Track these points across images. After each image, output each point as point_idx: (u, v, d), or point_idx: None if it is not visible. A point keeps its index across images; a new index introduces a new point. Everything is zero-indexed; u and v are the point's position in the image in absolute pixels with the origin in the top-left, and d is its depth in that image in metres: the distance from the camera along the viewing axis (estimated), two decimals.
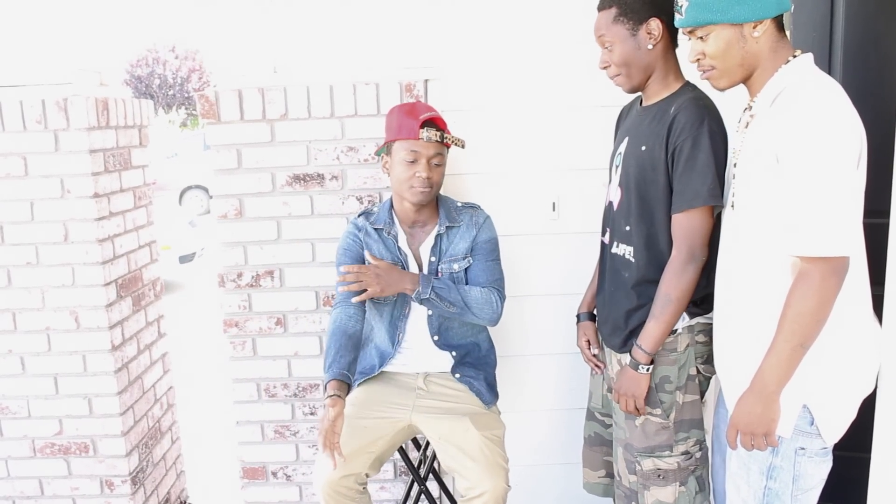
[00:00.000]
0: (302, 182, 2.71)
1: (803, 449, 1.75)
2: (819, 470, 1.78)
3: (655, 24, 1.94)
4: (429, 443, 2.57)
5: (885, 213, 1.88)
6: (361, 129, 2.67)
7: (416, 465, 2.57)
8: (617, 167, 2.11)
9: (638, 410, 2.03)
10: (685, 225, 1.90)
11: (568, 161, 2.71)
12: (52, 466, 2.84)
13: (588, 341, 2.31)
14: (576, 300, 2.41)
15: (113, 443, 2.80)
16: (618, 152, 2.11)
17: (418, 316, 2.35)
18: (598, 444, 2.33)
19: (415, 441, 2.64)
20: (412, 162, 2.19)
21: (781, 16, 1.72)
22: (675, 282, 1.90)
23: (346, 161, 2.69)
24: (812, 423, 1.73)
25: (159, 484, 3.10)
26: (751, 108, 1.79)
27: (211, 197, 2.75)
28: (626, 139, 2.07)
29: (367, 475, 2.22)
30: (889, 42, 2.53)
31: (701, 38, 1.75)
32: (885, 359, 1.79)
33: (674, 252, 1.92)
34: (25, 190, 2.61)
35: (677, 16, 1.79)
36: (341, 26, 2.71)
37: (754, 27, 1.68)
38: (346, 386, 2.10)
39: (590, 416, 2.36)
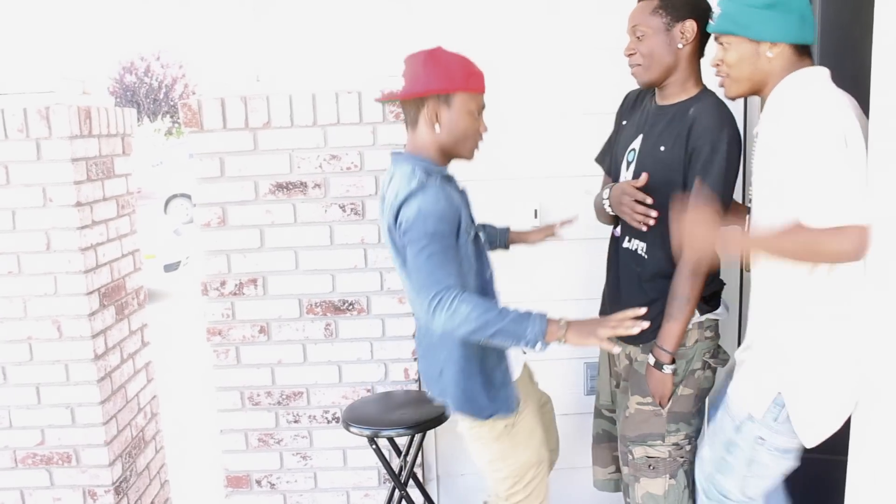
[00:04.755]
0: (285, 190, 2.71)
1: (762, 439, 1.86)
2: (777, 464, 1.89)
3: (690, 26, 1.99)
4: (409, 448, 2.58)
5: None
6: (344, 138, 2.68)
7: (397, 472, 2.58)
8: (630, 163, 2.14)
9: (661, 405, 2.10)
10: None
11: (550, 168, 2.73)
12: (33, 477, 2.82)
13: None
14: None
15: (96, 452, 2.79)
16: (631, 148, 2.15)
17: None
18: (607, 441, 2.37)
19: (395, 447, 2.65)
20: (479, 115, 2.02)
21: (808, 46, 1.85)
22: (690, 283, 1.97)
23: (328, 169, 2.70)
24: (776, 419, 1.83)
25: (143, 493, 3.09)
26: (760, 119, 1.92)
27: (195, 205, 2.75)
28: (641, 137, 2.11)
29: None
30: (864, 50, 2.56)
31: (723, 45, 1.87)
32: (863, 362, 1.81)
33: (686, 252, 1.94)
34: (7, 199, 2.60)
35: (711, 22, 1.93)
36: (323, 35, 2.72)
37: (770, 48, 1.80)
38: None
39: (598, 413, 2.40)
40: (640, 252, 2.11)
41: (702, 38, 2.03)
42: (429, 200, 1.86)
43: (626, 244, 2.17)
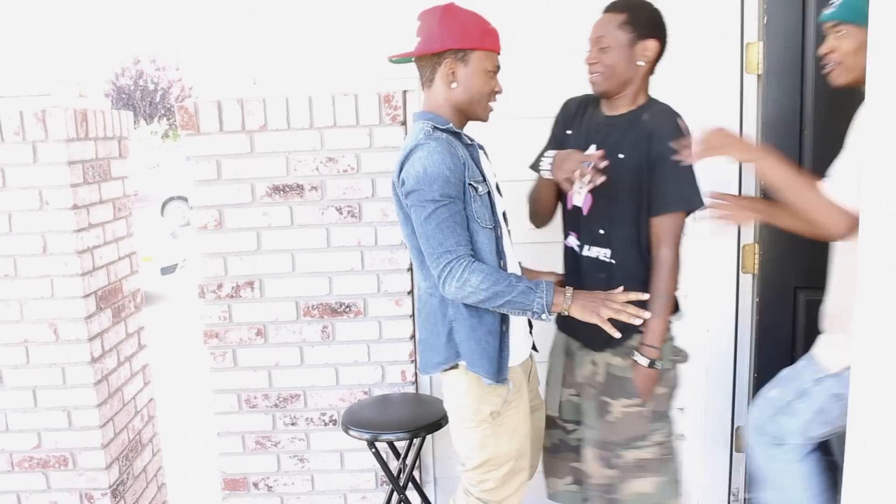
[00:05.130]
0: (281, 193, 2.72)
1: (839, 395, 1.97)
2: (842, 417, 1.92)
3: (652, 45, 2.05)
4: (409, 451, 2.58)
5: None
6: (340, 140, 2.68)
7: (395, 474, 2.58)
8: None
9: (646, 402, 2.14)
10: (672, 225, 2.04)
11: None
12: (30, 480, 2.81)
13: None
14: None
15: (93, 455, 2.78)
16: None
17: None
18: (564, 451, 2.33)
19: (394, 449, 2.65)
20: (494, 75, 2.01)
21: None
22: (670, 279, 2.05)
23: (325, 172, 2.70)
24: None
25: (140, 497, 3.08)
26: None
27: (191, 208, 2.75)
28: (594, 147, 2.12)
29: None
30: None
31: (838, 34, 1.93)
32: (855, 361, 1.82)
33: (664, 251, 2.04)
34: (3, 202, 2.60)
35: (827, 10, 1.96)
36: (320, 38, 2.72)
37: None
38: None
39: (550, 424, 2.35)
40: (603, 258, 2.12)
41: (658, 58, 2.10)
42: (434, 159, 1.86)
43: (586, 252, 2.17)
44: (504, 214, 2.13)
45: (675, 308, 2.15)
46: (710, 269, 2.80)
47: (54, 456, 2.79)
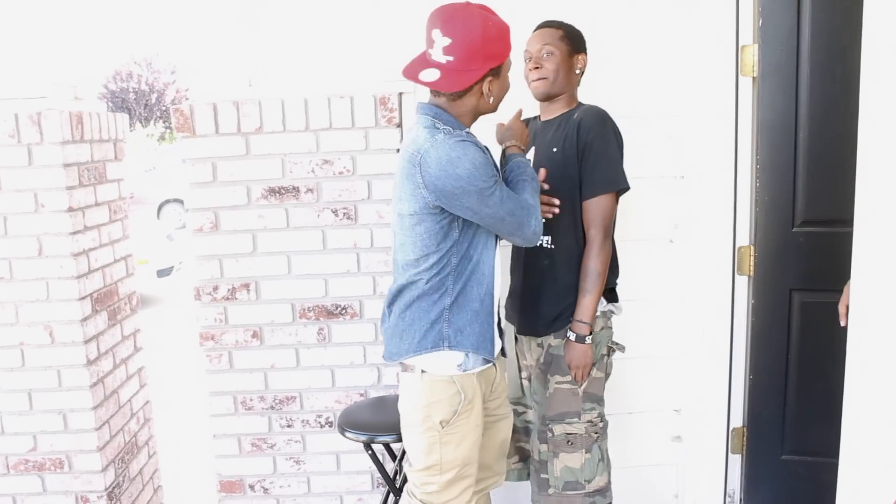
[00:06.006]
0: (277, 195, 2.72)
1: None
2: None
3: (583, 58, 2.31)
4: (405, 453, 2.58)
5: (850, 223, 1.92)
6: (336, 142, 2.69)
7: (391, 476, 2.58)
8: None
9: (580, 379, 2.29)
10: (600, 207, 2.22)
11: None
12: (26, 483, 2.81)
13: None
14: None
15: (88, 458, 2.78)
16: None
17: None
18: (514, 433, 2.46)
19: (390, 451, 2.65)
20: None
21: None
22: (600, 258, 2.21)
23: (321, 174, 2.70)
24: None
25: (136, 499, 3.08)
26: None
27: (187, 210, 2.75)
28: (533, 149, 2.35)
29: None
30: (854, 56, 2.58)
31: None
32: (849, 363, 1.83)
33: (592, 232, 2.22)
34: None
35: None
36: (315, 40, 2.72)
37: None
38: None
39: None
40: (545, 245, 2.30)
41: (584, 70, 2.33)
42: (470, 153, 1.87)
43: None
44: None
45: (612, 297, 2.34)
46: (706, 271, 2.81)
47: (50, 459, 2.78)
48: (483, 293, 2.03)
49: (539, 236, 2.04)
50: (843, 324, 2.11)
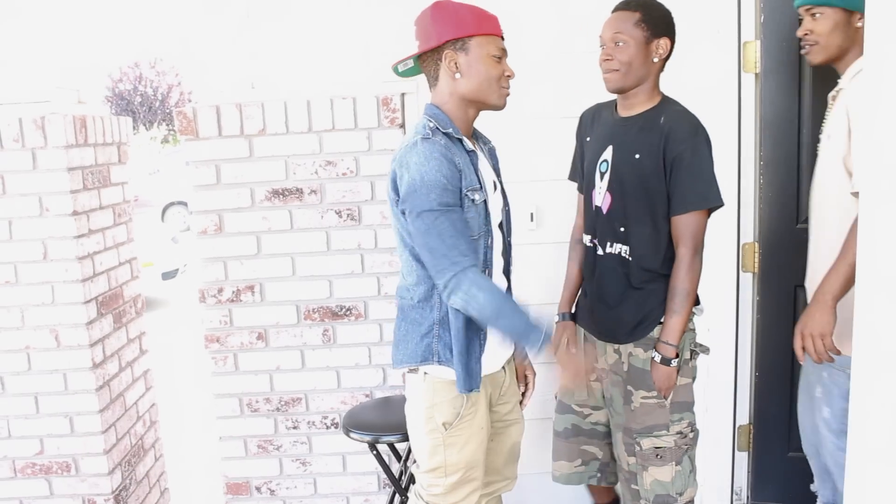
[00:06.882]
0: (281, 197, 2.72)
1: None
2: None
3: (665, 43, 2.10)
4: (410, 453, 2.58)
5: None
6: (339, 144, 2.69)
7: (397, 476, 2.58)
8: (603, 174, 2.21)
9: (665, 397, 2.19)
10: (691, 224, 2.10)
11: (546, 172, 2.74)
12: (33, 487, 2.81)
13: (567, 340, 2.38)
14: (554, 309, 2.44)
15: (95, 461, 2.79)
16: (602, 159, 2.22)
17: None
18: (575, 435, 2.39)
19: (395, 451, 2.65)
20: (500, 59, 1.95)
21: None
22: (689, 277, 2.11)
23: (324, 175, 2.71)
24: None
25: (143, 502, 3.09)
26: (838, 83, 2.09)
27: (191, 213, 2.76)
28: (611, 147, 2.18)
29: None
30: None
31: (814, 15, 2.05)
32: (856, 356, 1.82)
33: (682, 250, 2.11)
34: (3, 208, 2.61)
35: None
36: (318, 41, 2.72)
37: (860, 18, 1.94)
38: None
39: (564, 409, 2.41)
40: (623, 255, 2.19)
41: (669, 55, 2.14)
42: (431, 167, 1.84)
43: (608, 249, 2.23)
44: (508, 215, 2.12)
45: (696, 301, 2.20)
46: (711, 268, 2.78)
47: (57, 462, 2.79)
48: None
49: (448, 299, 1.87)
50: (802, 363, 2.21)
